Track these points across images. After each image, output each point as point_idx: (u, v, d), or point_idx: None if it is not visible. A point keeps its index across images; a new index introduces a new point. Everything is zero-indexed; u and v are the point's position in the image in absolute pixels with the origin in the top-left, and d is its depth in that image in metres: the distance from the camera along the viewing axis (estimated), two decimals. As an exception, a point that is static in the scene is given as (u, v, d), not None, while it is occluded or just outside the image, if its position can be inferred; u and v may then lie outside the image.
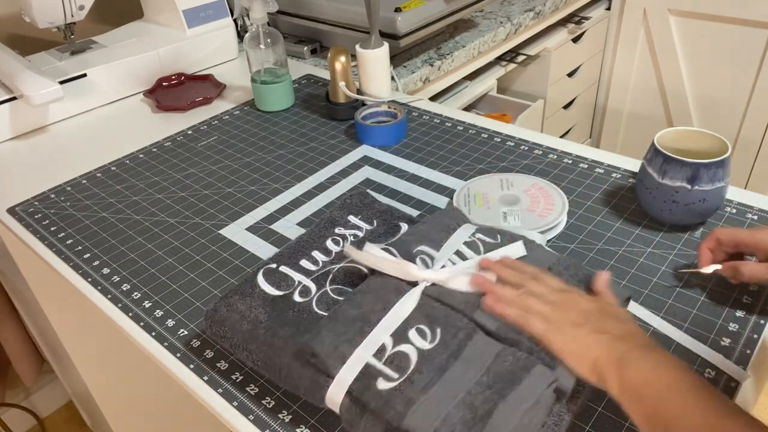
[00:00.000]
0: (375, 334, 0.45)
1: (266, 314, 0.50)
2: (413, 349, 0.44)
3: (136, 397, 1.15)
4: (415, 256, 0.52)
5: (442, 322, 0.46)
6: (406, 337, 0.45)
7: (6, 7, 1.09)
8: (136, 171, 0.82)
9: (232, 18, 1.12)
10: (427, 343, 0.45)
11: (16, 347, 1.26)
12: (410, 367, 0.43)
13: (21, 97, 0.88)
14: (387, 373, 0.43)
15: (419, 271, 0.50)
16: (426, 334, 0.45)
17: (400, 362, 0.43)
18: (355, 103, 0.89)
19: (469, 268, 0.50)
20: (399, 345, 0.44)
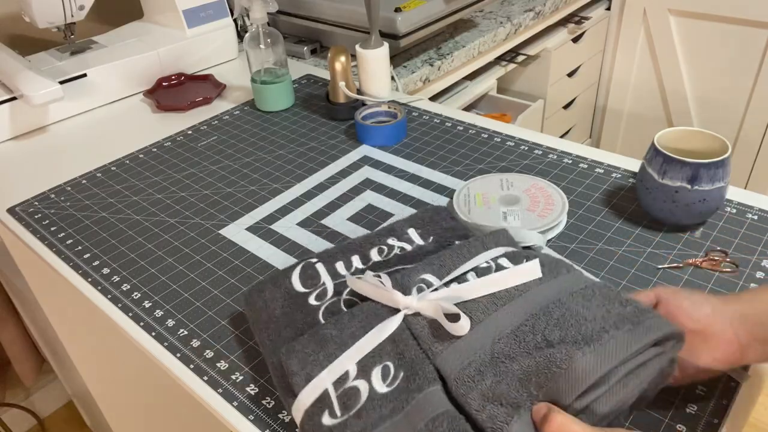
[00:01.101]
0: (342, 359, 0.44)
1: (281, 310, 0.51)
2: (367, 388, 0.42)
3: (136, 397, 1.15)
4: (414, 284, 0.48)
5: (408, 365, 0.43)
6: (369, 373, 0.43)
7: (6, 7, 1.09)
8: (136, 171, 0.82)
9: (232, 18, 1.12)
10: (384, 386, 0.42)
11: (16, 347, 1.26)
12: (354, 409, 0.41)
13: (21, 97, 0.88)
14: (334, 407, 0.41)
15: (402, 297, 0.46)
16: (389, 374, 0.43)
17: (348, 400, 0.42)
18: (355, 103, 0.89)
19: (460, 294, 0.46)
20: (358, 379, 0.43)
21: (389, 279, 0.48)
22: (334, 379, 0.43)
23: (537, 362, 0.39)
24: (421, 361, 0.43)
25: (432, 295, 0.46)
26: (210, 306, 0.59)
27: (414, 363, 0.43)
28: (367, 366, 0.43)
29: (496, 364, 0.40)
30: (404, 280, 0.48)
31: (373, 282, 0.48)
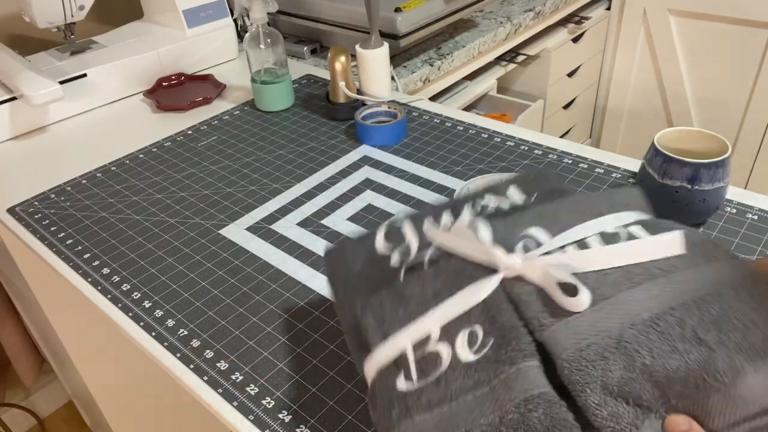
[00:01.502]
0: (424, 320, 0.38)
1: (360, 267, 0.45)
2: (449, 353, 0.36)
3: (136, 397, 1.15)
4: (518, 240, 0.39)
5: (499, 331, 0.36)
6: (453, 337, 0.37)
7: (6, 7, 1.09)
8: (136, 171, 0.82)
9: (232, 18, 1.12)
10: (470, 354, 0.35)
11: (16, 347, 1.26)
12: (433, 376, 0.35)
13: (21, 97, 0.88)
14: (411, 371, 0.36)
15: (503, 256, 0.37)
16: (476, 341, 0.36)
17: (427, 365, 0.36)
18: (355, 103, 0.89)
19: (580, 262, 0.36)
20: (441, 343, 0.36)
21: (487, 229, 0.39)
22: (413, 340, 0.37)
23: (687, 365, 0.31)
24: (516, 330, 0.36)
25: (542, 259, 0.37)
26: (210, 306, 0.59)
27: (507, 330, 0.36)
28: (451, 330, 0.37)
29: (628, 353, 0.32)
30: (507, 232, 0.39)
31: (465, 234, 0.40)
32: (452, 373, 0.35)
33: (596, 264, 0.36)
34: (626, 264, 0.36)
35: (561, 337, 0.34)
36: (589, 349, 0.33)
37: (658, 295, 0.34)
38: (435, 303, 0.38)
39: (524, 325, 0.36)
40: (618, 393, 0.31)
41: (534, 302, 0.36)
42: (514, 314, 0.36)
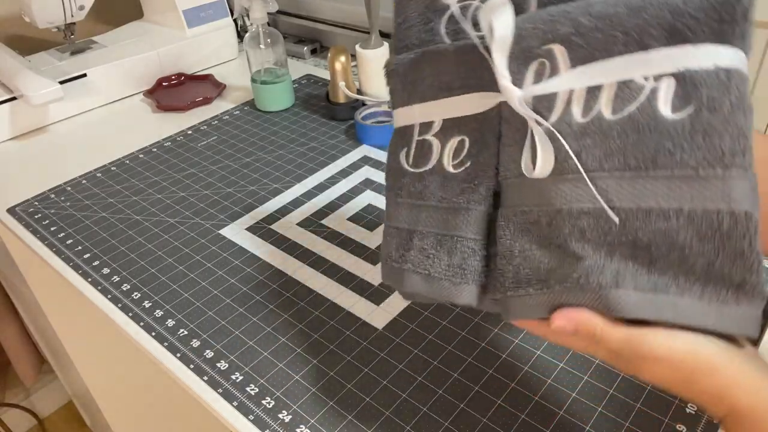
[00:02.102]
0: (432, 107, 0.39)
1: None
2: (437, 156, 0.39)
3: (136, 397, 1.15)
4: (535, 56, 0.33)
5: (476, 160, 0.37)
6: (446, 139, 0.38)
7: (6, 7, 1.09)
8: (136, 171, 0.82)
9: (232, 18, 1.12)
10: (450, 167, 0.38)
11: (16, 347, 1.27)
12: (420, 168, 0.40)
13: (21, 97, 0.88)
14: (411, 151, 0.40)
15: (507, 83, 0.33)
16: (460, 154, 0.38)
17: (420, 155, 0.40)
18: (355, 103, 0.89)
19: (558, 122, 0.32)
20: (437, 137, 0.39)
21: (510, 34, 0.33)
22: (421, 121, 0.39)
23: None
24: (487, 170, 0.37)
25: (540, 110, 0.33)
26: (210, 306, 0.59)
27: (482, 164, 0.37)
28: (447, 130, 0.38)
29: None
30: (528, 41, 0.33)
31: (487, 35, 0.34)
32: (431, 176, 0.39)
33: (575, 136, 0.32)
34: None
35: (510, 196, 0.36)
36: (525, 215, 0.34)
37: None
38: (446, 93, 0.38)
39: (495, 165, 0.37)
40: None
41: (509, 145, 0.35)
42: (495, 146, 0.36)
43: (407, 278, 0.39)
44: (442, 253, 0.38)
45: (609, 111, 0.31)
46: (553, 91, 0.32)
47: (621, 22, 0.30)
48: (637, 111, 0.30)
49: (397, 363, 0.51)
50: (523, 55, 0.33)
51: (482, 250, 0.37)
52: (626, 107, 0.31)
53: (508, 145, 0.35)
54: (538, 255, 0.34)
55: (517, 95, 0.33)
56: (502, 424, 0.46)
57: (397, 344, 0.53)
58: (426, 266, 0.38)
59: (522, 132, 0.34)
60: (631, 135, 0.30)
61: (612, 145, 0.31)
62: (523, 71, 0.33)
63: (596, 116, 0.31)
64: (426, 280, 0.38)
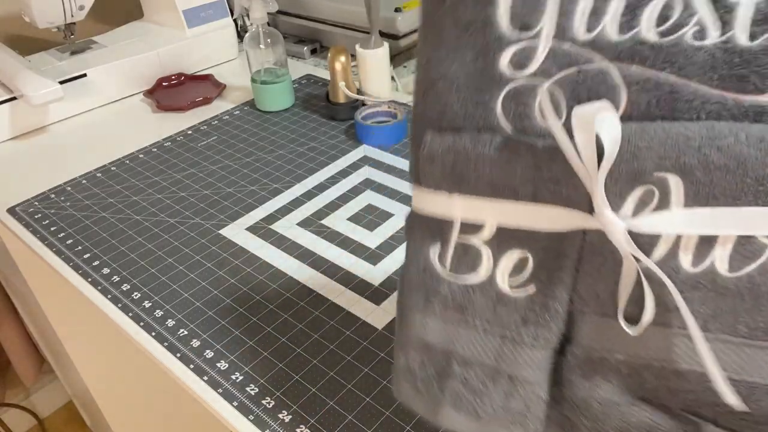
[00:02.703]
0: (487, 206, 0.31)
1: (464, 22, 0.30)
2: (489, 270, 0.31)
3: (136, 397, 1.15)
4: (643, 181, 0.27)
5: (544, 288, 0.31)
6: (501, 252, 0.31)
7: (6, 7, 1.09)
8: (136, 171, 0.82)
9: (232, 18, 1.12)
10: (506, 287, 0.31)
11: (16, 347, 1.27)
12: (463, 279, 0.32)
13: (21, 97, 0.88)
14: (447, 253, 0.32)
15: (608, 212, 0.27)
16: (520, 274, 0.31)
17: (463, 262, 0.32)
18: (355, 103, 0.89)
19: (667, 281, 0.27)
20: (487, 247, 0.32)
21: (614, 148, 0.27)
22: (464, 216, 0.31)
23: None
24: (557, 304, 0.30)
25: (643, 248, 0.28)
26: (210, 306, 0.59)
27: (550, 296, 0.30)
28: (505, 240, 0.31)
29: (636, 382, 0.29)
30: (636, 164, 0.27)
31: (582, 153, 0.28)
32: (481, 294, 0.31)
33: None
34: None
35: (586, 334, 0.30)
36: (606, 362, 0.30)
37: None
38: (508, 195, 0.30)
39: (570, 294, 0.30)
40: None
41: (593, 277, 0.29)
42: (571, 275, 0.30)
43: (443, 413, 0.33)
44: (496, 393, 0.31)
45: (725, 266, 0.27)
46: (662, 232, 0.27)
47: (755, 167, 0.25)
48: (757, 273, 0.26)
49: (397, 363, 0.52)
50: (628, 178, 0.27)
51: (546, 393, 0.31)
52: (745, 267, 0.27)
53: (592, 277, 0.29)
54: (621, 411, 0.29)
55: (621, 231, 0.27)
56: (502, 424, 0.46)
57: (397, 344, 0.53)
58: (473, 404, 0.31)
59: (612, 266, 0.29)
60: (748, 299, 0.27)
61: (723, 305, 0.27)
62: (624, 196, 0.27)
63: (709, 269, 0.27)
64: (470, 420, 0.32)
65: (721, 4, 0.26)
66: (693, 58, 0.27)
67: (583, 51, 0.28)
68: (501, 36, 0.29)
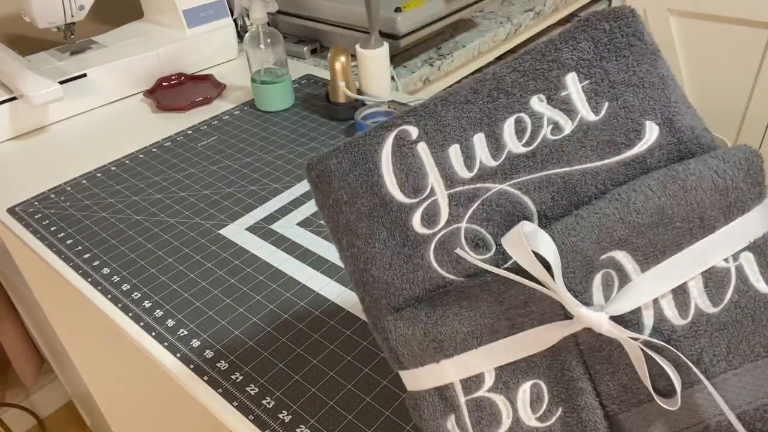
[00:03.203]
0: (473, 356, 0.31)
1: (367, 215, 0.34)
2: (511, 415, 0.31)
3: (136, 397, 1.15)
4: (596, 269, 0.29)
5: (570, 403, 0.30)
6: (513, 389, 0.31)
7: (6, 7, 1.09)
8: (136, 171, 0.82)
9: (232, 18, 1.12)
10: (534, 421, 0.31)
11: (16, 347, 1.27)
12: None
13: (21, 97, 0.88)
14: (464, 416, 0.31)
15: (585, 312, 0.29)
16: (541, 401, 0.31)
17: (483, 419, 0.31)
18: (355, 103, 0.89)
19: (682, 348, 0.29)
20: (496, 394, 0.31)
21: (556, 254, 0.29)
22: (462, 378, 0.32)
23: None
24: (591, 411, 0.30)
25: (634, 329, 0.29)
26: (210, 306, 0.59)
27: (579, 406, 0.30)
28: (509, 378, 0.31)
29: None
30: (581, 255, 0.29)
31: (531, 273, 0.30)
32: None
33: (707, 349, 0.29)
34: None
35: (633, 428, 0.30)
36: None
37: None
38: (488, 339, 0.31)
39: (597, 398, 0.30)
40: None
41: (610, 373, 0.30)
42: (587, 380, 0.30)
43: None
44: None
45: (708, 304, 0.28)
46: (638, 304, 0.29)
47: (675, 211, 0.28)
48: (737, 296, 0.28)
49: (397, 363, 0.52)
50: (583, 272, 0.29)
51: None
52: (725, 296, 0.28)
53: (607, 372, 0.30)
54: None
55: (605, 318, 0.28)
56: (502, 424, 0.46)
57: (397, 344, 0.53)
58: None
59: (619, 354, 0.29)
60: (746, 323, 0.28)
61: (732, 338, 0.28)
62: (588, 289, 0.29)
63: (697, 313, 0.28)
64: None
65: (557, 101, 0.32)
66: (563, 149, 0.31)
67: (476, 186, 0.32)
68: (401, 206, 0.33)
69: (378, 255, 0.33)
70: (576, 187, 0.31)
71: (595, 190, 0.31)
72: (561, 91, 0.32)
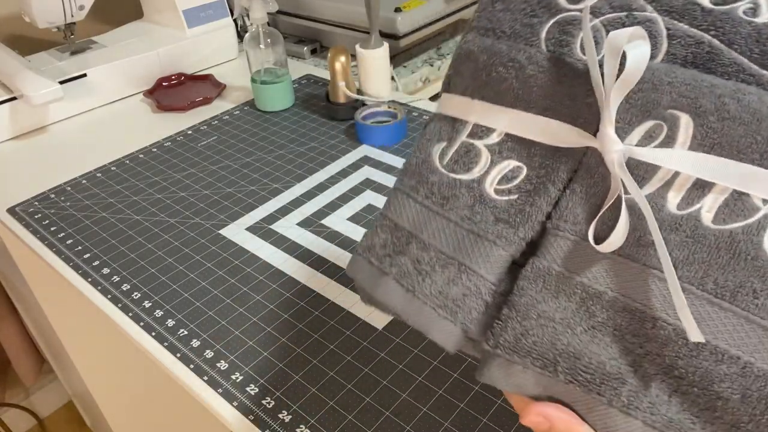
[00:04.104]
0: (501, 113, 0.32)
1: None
2: (481, 171, 0.32)
3: (136, 397, 1.15)
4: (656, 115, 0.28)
5: (527, 194, 0.31)
6: (499, 158, 0.32)
7: (6, 7, 1.09)
8: (136, 171, 0.82)
9: (232, 18, 1.12)
10: (491, 187, 0.32)
11: (16, 347, 1.27)
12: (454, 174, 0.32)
13: (21, 97, 0.88)
14: (449, 150, 0.33)
15: (611, 132, 0.27)
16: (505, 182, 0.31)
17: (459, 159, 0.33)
18: (355, 103, 0.89)
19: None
20: (487, 150, 0.32)
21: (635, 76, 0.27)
22: (479, 121, 0.32)
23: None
24: (534, 212, 0.30)
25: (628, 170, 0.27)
26: (210, 306, 0.59)
27: (529, 205, 0.30)
28: (504, 148, 0.32)
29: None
30: (653, 98, 0.28)
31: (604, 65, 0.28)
32: (466, 190, 0.32)
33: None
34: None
35: (552, 251, 0.29)
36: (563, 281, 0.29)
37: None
38: (524, 106, 0.31)
39: (548, 212, 0.30)
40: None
41: (579, 197, 0.29)
42: (556, 191, 0.30)
43: (383, 284, 0.33)
44: (439, 276, 0.31)
45: (710, 217, 0.27)
46: (659, 165, 0.27)
47: (764, 125, 0.26)
48: (741, 232, 0.26)
49: (397, 363, 0.52)
50: (642, 108, 0.28)
51: (488, 295, 0.31)
52: (731, 223, 0.26)
53: (577, 197, 0.29)
54: (560, 331, 0.28)
55: (618, 152, 0.27)
56: (502, 424, 0.46)
57: (397, 344, 0.53)
58: (413, 281, 0.32)
59: (600, 189, 0.29)
60: (724, 255, 0.26)
61: (697, 255, 0.26)
62: (633, 125, 0.28)
63: (693, 215, 0.27)
64: (406, 296, 0.32)
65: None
66: (739, 29, 0.28)
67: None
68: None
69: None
70: (716, 66, 0.28)
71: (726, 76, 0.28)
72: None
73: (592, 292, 0.28)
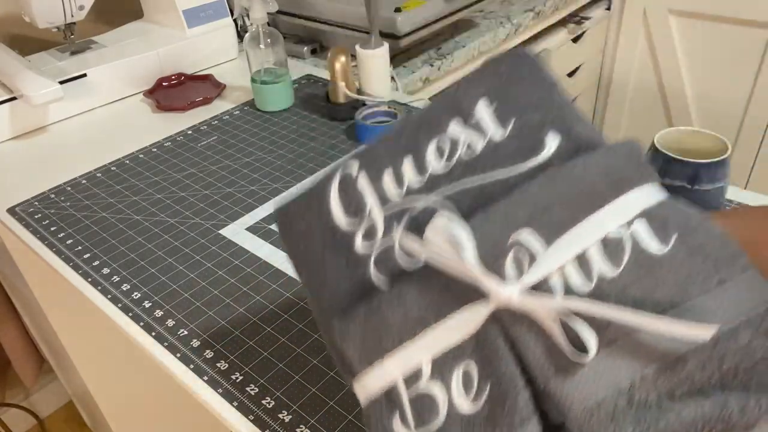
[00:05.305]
0: (413, 351, 0.34)
1: (321, 247, 0.39)
2: (446, 399, 0.33)
3: (136, 397, 1.15)
4: (507, 249, 0.33)
5: (497, 381, 0.32)
6: (448, 377, 0.33)
7: (6, 7, 1.09)
8: (136, 171, 0.82)
9: (232, 18, 1.12)
10: (468, 402, 0.32)
11: (16, 347, 1.27)
12: (431, 425, 0.32)
13: (21, 97, 0.88)
14: (406, 413, 0.33)
15: (496, 285, 0.31)
16: (472, 384, 0.32)
17: (423, 410, 0.33)
18: (355, 103, 0.89)
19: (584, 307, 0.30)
20: (435, 382, 0.33)
21: (470, 239, 0.33)
22: (404, 374, 0.34)
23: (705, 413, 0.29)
24: (514, 383, 0.32)
25: (542, 300, 0.31)
26: (210, 306, 0.59)
27: (504, 381, 0.32)
28: (443, 366, 0.33)
29: (639, 413, 0.30)
30: (493, 234, 0.33)
31: (444, 248, 0.33)
32: (452, 426, 0.32)
33: (608, 315, 0.30)
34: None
35: (566, 392, 0.31)
36: (599, 409, 0.30)
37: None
38: (421, 330, 0.34)
39: (522, 372, 0.32)
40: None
41: (533, 345, 0.31)
42: (511, 357, 0.32)
43: None
44: None
45: (609, 268, 0.31)
46: (545, 274, 0.31)
47: (567, 191, 0.33)
48: (633, 256, 0.31)
49: (397, 363, 0.51)
50: (494, 253, 0.33)
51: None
52: (623, 258, 0.31)
53: (531, 343, 0.31)
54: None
55: (515, 292, 0.31)
56: (502, 424, 0.46)
57: (397, 344, 0.53)
58: None
59: (537, 325, 0.31)
60: (646, 280, 0.31)
61: (636, 295, 0.31)
62: (502, 267, 0.32)
63: (600, 277, 0.31)
64: None
65: (471, 124, 0.38)
66: (477, 163, 0.37)
67: (404, 201, 0.37)
68: (345, 233, 0.38)
69: (330, 279, 0.38)
70: (491, 193, 0.36)
71: (507, 194, 0.35)
72: (474, 116, 0.38)
73: (623, 392, 0.31)
